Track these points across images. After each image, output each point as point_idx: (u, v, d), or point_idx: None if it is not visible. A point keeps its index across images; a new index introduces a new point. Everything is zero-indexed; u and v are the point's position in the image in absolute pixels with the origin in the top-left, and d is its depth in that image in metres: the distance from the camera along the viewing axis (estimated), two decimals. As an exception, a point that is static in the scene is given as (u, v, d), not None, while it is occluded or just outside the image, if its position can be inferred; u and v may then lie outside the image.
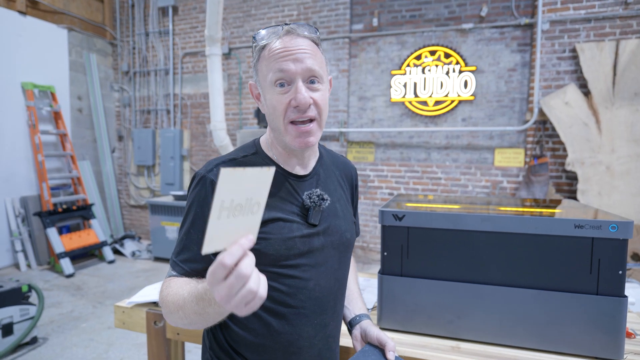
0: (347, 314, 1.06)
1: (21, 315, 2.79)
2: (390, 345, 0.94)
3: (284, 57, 0.79)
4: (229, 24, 5.30)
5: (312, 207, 0.87)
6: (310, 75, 0.81)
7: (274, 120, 0.84)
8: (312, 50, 0.82)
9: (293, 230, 0.85)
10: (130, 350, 2.86)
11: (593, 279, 1.05)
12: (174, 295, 0.75)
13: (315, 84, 0.82)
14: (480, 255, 1.14)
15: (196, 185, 0.84)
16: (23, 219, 4.77)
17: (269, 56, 0.80)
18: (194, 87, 5.64)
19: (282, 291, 0.84)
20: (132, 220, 6.19)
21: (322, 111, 0.84)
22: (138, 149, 5.84)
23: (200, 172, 0.85)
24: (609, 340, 1.05)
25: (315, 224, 0.88)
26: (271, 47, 0.80)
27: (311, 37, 0.83)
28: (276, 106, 0.82)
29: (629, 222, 1.01)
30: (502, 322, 1.12)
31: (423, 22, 4.46)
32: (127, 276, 4.51)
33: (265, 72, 0.82)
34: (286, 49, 0.79)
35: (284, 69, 0.79)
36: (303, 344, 0.87)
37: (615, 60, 3.73)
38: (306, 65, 0.79)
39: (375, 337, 0.96)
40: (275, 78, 0.80)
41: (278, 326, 0.85)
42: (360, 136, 4.80)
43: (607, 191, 3.75)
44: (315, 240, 0.88)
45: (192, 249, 0.82)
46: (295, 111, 0.81)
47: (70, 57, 5.47)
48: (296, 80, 0.80)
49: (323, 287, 0.89)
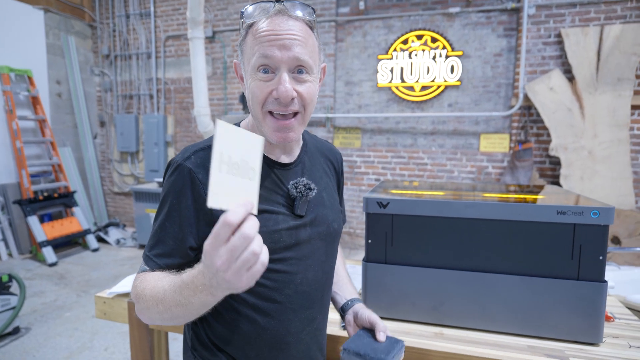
0: (338, 300, 1.02)
1: (2, 306, 2.74)
2: (380, 326, 0.88)
3: (270, 42, 0.71)
4: (213, 6, 5.15)
5: (298, 198, 0.82)
6: (298, 64, 0.73)
7: (253, 107, 0.78)
8: (304, 36, 0.73)
9: (279, 223, 0.80)
10: (115, 339, 2.84)
11: (574, 264, 1.06)
12: (151, 289, 0.70)
13: (303, 74, 0.75)
14: (464, 242, 1.14)
15: (172, 173, 0.77)
16: (2, 207, 4.64)
17: (255, 37, 0.73)
18: (178, 71, 5.50)
19: (267, 286, 0.80)
20: (116, 208, 6.09)
21: (308, 105, 0.77)
22: (121, 135, 5.70)
23: (176, 159, 0.78)
24: (589, 325, 1.06)
25: (301, 215, 0.83)
26: (258, 27, 0.73)
27: (305, 19, 0.75)
28: (256, 93, 0.75)
29: (610, 208, 1.02)
30: (484, 308, 1.13)
31: (410, 6, 4.40)
32: (111, 264, 4.46)
33: (249, 54, 0.75)
34: (274, 32, 0.71)
35: (268, 54, 0.71)
36: (290, 340, 0.84)
37: (600, 45, 3.75)
38: (294, 53, 0.72)
39: (366, 319, 0.91)
40: (259, 63, 0.73)
41: (264, 322, 0.82)
42: (346, 122, 4.76)
43: (589, 175, 3.81)
44: (302, 232, 0.83)
45: (167, 242, 0.77)
46: (276, 102, 0.74)
47: (48, 40, 5.27)
48: (281, 69, 0.72)
49: (310, 280, 0.86)
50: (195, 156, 0.78)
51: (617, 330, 1.14)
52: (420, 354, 1.07)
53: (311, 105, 0.79)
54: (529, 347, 1.06)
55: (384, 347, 0.83)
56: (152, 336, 1.36)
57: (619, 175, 3.74)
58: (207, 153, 0.77)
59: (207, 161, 0.74)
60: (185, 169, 0.76)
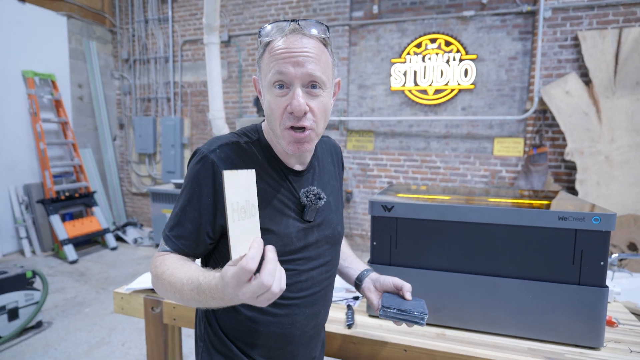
0: (351, 273, 1.09)
1: (26, 300, 2.86)
2: (407, 286, 0.97)
3: (285, 59, 0.76)
4: (229, 11, 5.26)
5: (308, 206, 0.88)
6: (311, 80, 0.77)
7: (272, 122, 0.82)
8: (317, 53, 0.77)
9: (289, 227, 0.86)
10: (132, 335, 2.93)
11: (575, 269, 1.08)
12: (170, 276, 0.76)
13: (316, 89, 0.78)
14: (467, 245, 1.17)
15: (197, 162, 0.83)
16: (27, 206, 4.83)
17: (271, 55, 0.78)
18: (194, 75, 5.63)
19: None
20: (134, 208, 6.26)
21: (319, 120, 0.81)
22: (139, 137, 5.86)
23: (202, 149, 0.83)
24: (590, 329, 1.08)
25: (310, 220, 0.90)
26: (274, 46, 0.77)
27: (319, 37, 0.79)
28: (274, 109, 0.80)
29: (611, 214, 1.03)
30: (486, 311, 1.16)
31: (424, 10, 4.42)
32: (129, 263, 4.58)
33: (265, 70, 0.80)
34: (288, 49, 0.76)
35: (283, 71, 0.76)
36: (295, 332, 0.91)
37: (618, 48, 3.70)
38: (307, 69, 0.76)
39: (391, 282, 0.99)
40: (274, 80, 0.77)
41: (272, 316, 0.88)
42: (359, 125, 4.80)
43: (606, 181, 3.75)
44: (310, 235, 0.90)
45: (186, 226, 0.83)
46: (292, 117, 0.78)
47: (70, 45, 5.46)
48: (295, 85, 0.77)
49: (316, 279, 0.92)
50: (220, 150, 0.83)
51: (619, 336, 1.15)
52: (425, 354, 1.10)
53: (323, 119, 0.83)
54: (529, 349, 1.08)
55: (416, 303, 0.93)
56: (166, 331, 1.43)
57: (636, 181, 3.67)
58: (232, 148, 0.85)
59: (231, 156, 0.84)
60: (209, 160, 0.81)
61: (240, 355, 0.90)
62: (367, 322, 1.24)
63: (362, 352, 1.15)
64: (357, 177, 4.86)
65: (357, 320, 1.25)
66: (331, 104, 0.86)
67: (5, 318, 2.73)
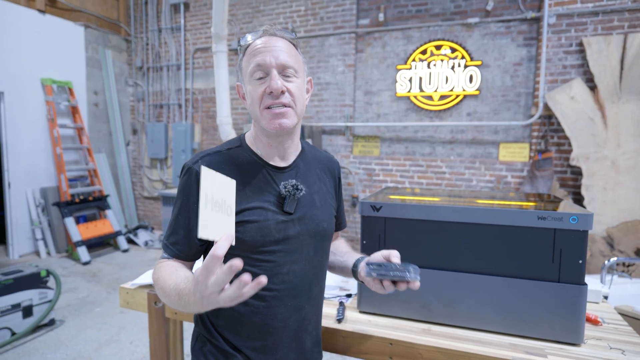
0: (347, 265, 1.09)
1: (40, 299, 2.98)
2: (394, 252, 0.97)
3: (262, 52, 0.89)
4: (239, 19, 5.40)
5: (287, 196, 0.94)
6: (285, 67, 0.89)
7: (253, 108, 0.92)
8: (288, 48, 0.91)
9: (268, 218, 0.91)
10: (140, 333, 3.02)
11: (555, 267, 1.12)
12: (162, 282, 0.84)
13: (290, 76, 0.90)
14: (452, 244, 1.22)
15: (183, 175, 0.93)
16: (43, 209, 5.00)
17: (250, 53, 0.91)
18: (205, 82, 5.77)
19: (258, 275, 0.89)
20: (145, 211, 6.40)
21: (297, 100, 0.91)
22: (151, 142, 6.02)
23: (187, 164, 0.94)
24: (570, 326, 1.11)
25: (290, 212, 0.94)
26: (252, 45, 0.91)
27: (289, 37, 0.93)
28: (254, 95, 0.90)
29: (588, 214, 1.08)
30: (470, 307, 1.20)
31: (429, 17, 4.48)
32: (139, 264, 4.70)
33: (245, 67, 0.92)
34: (265, 46, 0.89)
35: (260, 63, 0.88)
36: (277, 325, 0.95)
37: (623, 54, 3.70)
38: (281, 59, 0.88)
39: (379, 255, 0.98)
40: (254, 70, 0.89)
41: (254, 307, 0.93)
42: (365, 130, 4.86)
43: (612, 186, 3.73)
44: (290, 228, 0.94)
45: (179, 232, 0.92)
46: (270, 97, 0.89)
47: (87, 54, 5.67)
48: (272, 72, 0.88)
49: (297, 272, 0.96)
50: (202, 160, 0.92)
51: (602, 334, 1.18)
52: (409, 348, 1.14)
53: (300, 101, 0.93)
54: (510, 344, 1.12)
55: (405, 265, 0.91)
56: (168, 325, 1.50)
57: (643, 186, 3.65)
58: (213, 157, 0.94)
59: (212, 164, 0.91)
60: (193, 171, 0.91)
61: (225, 346, 0.95)
62: (357, 318, 1.29)
63: (349, 345, 1.20)
64: (363, 182, 4.91)
65: (347, 316, 1.30)
66: (306, 97, 0.98)
67: (20, 315, 2.85)
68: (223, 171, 0.87)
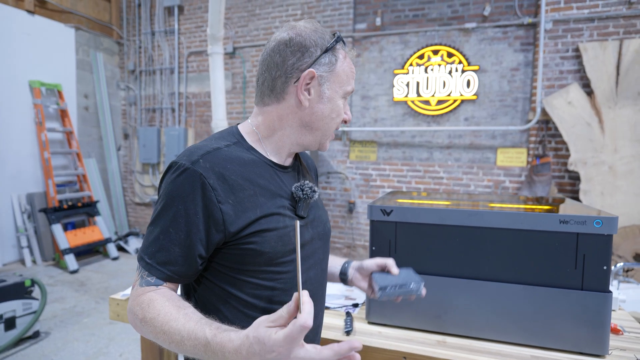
0: (333, 271, 1.06)
1: (24, 310, 2.84)
2: (390, 261, 0.98)
3: (353, 78, 0.88)
4: (234, 23, 5.33)
5: (303, 199, 0.84)
6: None
7: (328, 124, 0.86)
8: None
9: (287, 225, 0.81)
10: (130, 345, 2.90)
11: (578, 274, 1.06)
12: (163, 324, 0.68)
13: None
14: (467, 250, 1.15)
15: (178, 176, 0.73)
16: (29, 215, 4.84)
17: (349, 70, 0.86)
18: (199, 86, 5.68)
19: (277, 289, 0.81)
20: (136, 218, 6.25)
21: None
22: (143, 147, 5.89)
23: (182, 162, 0.74)
24: (594, 336, 1.05)
25: (304, 216, 0.85)
26: (349, 61, 0.86)
27: None
28: (340, 115, 0.87)
29: (613, 217, 1.02)
30: (487, 317, 1.13)
31: (426, 22, 4.46)
32: (130, 273, 4.56)
33: (344, 79, 0.85)
34: (353, 71, 0.88)
35: (351, 89, 0.87)
36: None
37: (619, 59, 3.70)
38: None
39: (373, 264, 1.00)
40: (349, 91, 0.86)
41: None
42: (362, 135, 4.80)
43: (610, 191, 3.72)
44: (305, 233, 0.86)
45: (172, 250, 0.73)
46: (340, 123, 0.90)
47: (77, 56, 5.55)
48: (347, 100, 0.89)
49: (313, 279, 0.88)
50: (204, 160, 0.75)
51: (625, 344, 1.12)
52: (423, 362, 1.07)
53: None
54: (532, 357, 1.05)
55: (406, 275, 0.95)
56: (162, 338, 1.40)
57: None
58: (215, 155, 0.77)
59: (216, 165, 0.75)
60: (195, 173, 0.73)
61: None
62: (366, 329, 1.21)
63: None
64: (359, 188, 4.85)
65: (356, 327, 1.23)
66: None
67: (1, 327, 2.71)
68: (229, 172, 0.76)
